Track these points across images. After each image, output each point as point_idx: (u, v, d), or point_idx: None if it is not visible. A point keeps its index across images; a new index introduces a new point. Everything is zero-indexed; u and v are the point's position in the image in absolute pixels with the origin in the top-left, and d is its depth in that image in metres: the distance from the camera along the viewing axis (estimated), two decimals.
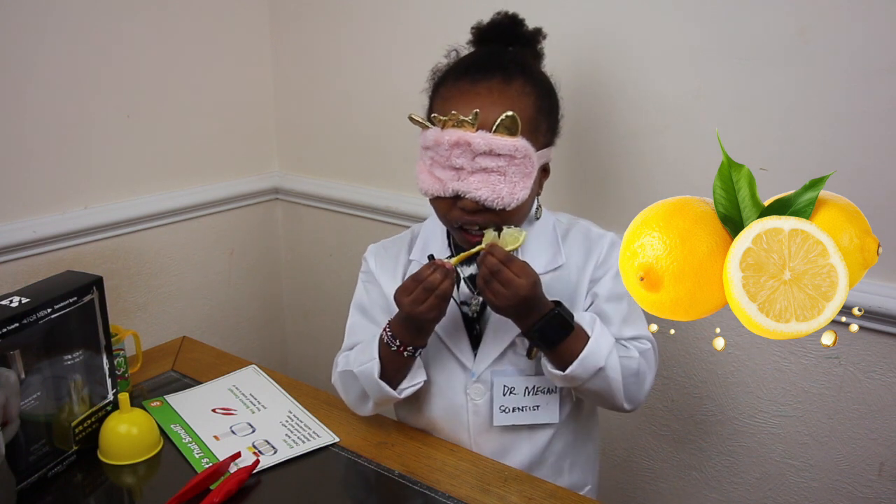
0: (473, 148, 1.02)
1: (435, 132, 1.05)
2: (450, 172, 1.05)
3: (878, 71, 1.08)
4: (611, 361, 1.05)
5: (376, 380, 1.10)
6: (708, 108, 1.24)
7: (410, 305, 1.04)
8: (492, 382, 1.13)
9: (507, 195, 1.03)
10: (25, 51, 1.39)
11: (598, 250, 1.15)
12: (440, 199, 1.08)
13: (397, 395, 1.11)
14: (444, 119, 1.04)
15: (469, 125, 1.02)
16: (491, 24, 1.16)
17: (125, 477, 1.10)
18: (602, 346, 1.05)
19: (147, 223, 1.63)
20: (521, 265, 1.03)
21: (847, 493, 1.25)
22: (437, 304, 1.04)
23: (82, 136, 1.50)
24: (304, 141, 1.85)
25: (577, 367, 1.03)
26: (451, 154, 1.03)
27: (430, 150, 1.07)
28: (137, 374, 1.36)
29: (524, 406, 1.14)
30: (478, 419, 1.15)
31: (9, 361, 0.98)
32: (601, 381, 1.05)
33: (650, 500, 1.49)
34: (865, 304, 1.13)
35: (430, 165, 1.07)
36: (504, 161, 1.02)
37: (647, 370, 1.10)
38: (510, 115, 1.02)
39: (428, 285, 1.03)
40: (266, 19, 1.80)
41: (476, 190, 1.03)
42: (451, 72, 1.12)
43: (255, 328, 1.94)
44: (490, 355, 1.13)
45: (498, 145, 1.02)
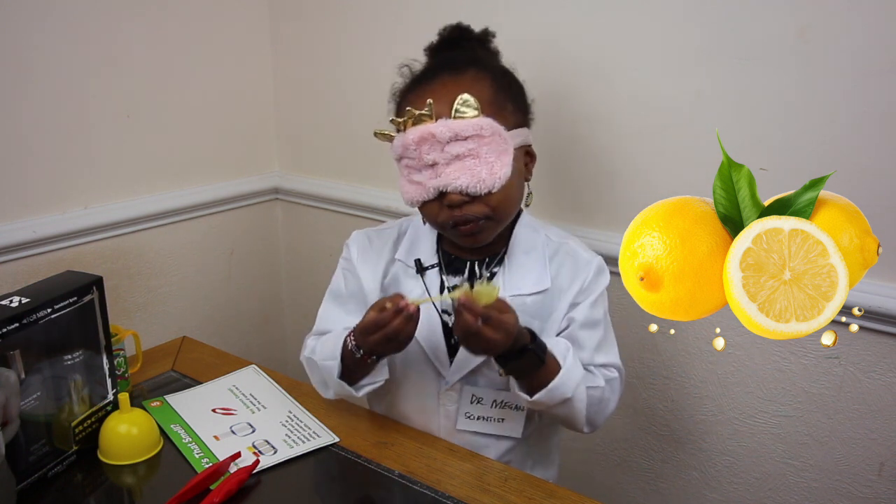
0: (438, 138, 1.01)
1: (400, 138, 1.05)
2: (426, 172, 1.04)
3: (878, 71, 1.08)
4: (578, 393, 1.06)
5: (337, 381, 1.11)
6: (708, 108, 1.24)
7: (372, 346, 1.04)
8: (462, 390, 1.15)
9: (488, 176, 1.02)
10: (25, 51, 1.39)
11: (583, 276, 1.14)
12: (426, 204, 1.08)
13: (356, 393, 1.12)
14: (402, 120, 1.04)
15: (427, 118, 1.02)
16: (440, 39, 1.17)
17: (125, 477, 1.10)
18: (572, 377, 1.05)
19: (147, 223, 1.63)
20: (498, 322, 0.97)
21: (847, 493, 1.25)
22: (398, 346, 1.03)
23: (82, 136, 1.50)
24: (304, 141, 1.85)
25: (545, 395, 1.04)
26: (420, 152, 1.03)
27: (404, 159, 1.07)
28: (137, 374, 1.36)
29: (489, 416, 1.16)
30: (448, 423, 1.17)
31: (9, 361, 0.98)
32: (566, 408, 1.06)
33: (650, 500, 1.49)
34: (865, 304, 1.13)
35: (408, 174, 1.07)
36: (473, 143, 1.01)
37: (610, 396, 1.12)
38: (464, 98, 1.01)
39: (390, 333, 1.00)
40: (266, 19, 1.80)
41: (455, 180, 1.02)
42: (406, 84, 1.14)
43: (255, 328, 1.94)
44: (464, 367, 1.14)
45: (461, 127, 1.01)
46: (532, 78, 1.19)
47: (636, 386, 1.44)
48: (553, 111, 1.38)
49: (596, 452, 1.53)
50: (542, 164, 1.40)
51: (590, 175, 1.39)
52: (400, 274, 1.19)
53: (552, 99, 1.38)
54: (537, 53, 1.38)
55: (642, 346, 1.41)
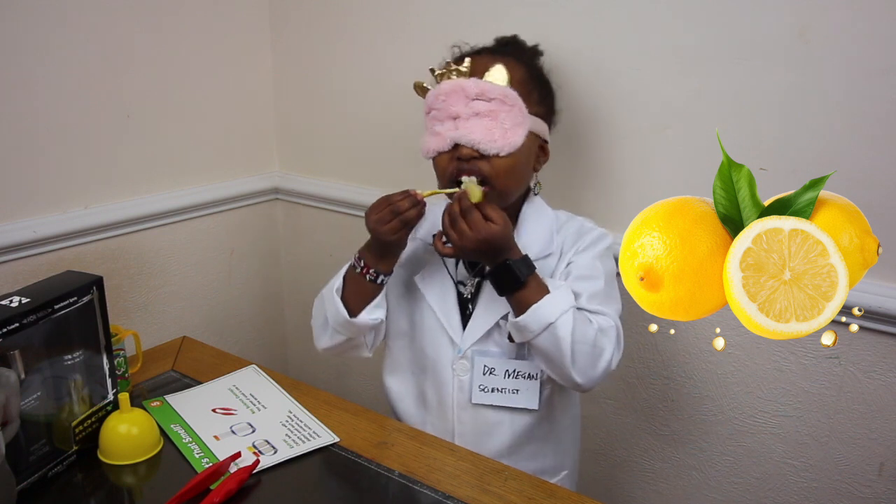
0: (467, 92, 1.10)
1: (434, 90, 1.14)
2: (448, 123, 1.12)
3: (878, 71, 1.08)
4: (563, 320, 1.07)
5: (333, 295, 1.17)
6: (708, 108, 1.24)
7: (375, 223, 1.12)
8: (473, 360, 1.18)
9: (500, 138, 1.10)
10: (26, 51, 1.39)
11: (585, 238, 1.20)
12: (440, 155, 1.14)
13: (350, 318, 1.16)
14: (440, 72, 1.13)
15: (463, 74, 1.12)
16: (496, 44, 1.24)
17: (125, 477, 1.10)
18: (558, 303, 1.07)
19: (147, 223, 1.63)
20: (494, 209, 1.08)
21: (847, 493, 1.25)
22: (398, 227, 1.10)
23: (82, 136, 1.50)
24: (304, 141, 1.85)
25: (529, 316, 1.07)
26: (447, 103, 1.11)
27: (432, 111, 1.14)
28: (137, 374, 1.36)
29: (503, 388, 1.18)
30: (461, 395, 1.20)
31: (9, 361, 0.98)
32: (550, 337, 1.07)
33: (650, 500, 1.49)
34: (865, 304, 1.13)
35: (432, 124, 1.14)
36: (495, 105, 1.09)
37: (605, 345, 1.10)
38: (498, 67, 1.11)
39: (395, 209, 1.10)
40: (266, 19, 1.80)
41: (470, 132, 1.10)
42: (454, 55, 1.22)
43: (255, 328, 1.94)
44: (476, 333, 1.18)
45: (488, 88, 1.09)
46: None
47: (636, 386, 1.44)
48: None
49: (596, 452, 1.53)
50: None
51: (590, 175, 1.39)
52: (420, 252, 1.26)
53: None
54: None
55: (642, 346, 1.41)
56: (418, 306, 1.24)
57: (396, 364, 1.28)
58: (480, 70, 1.12)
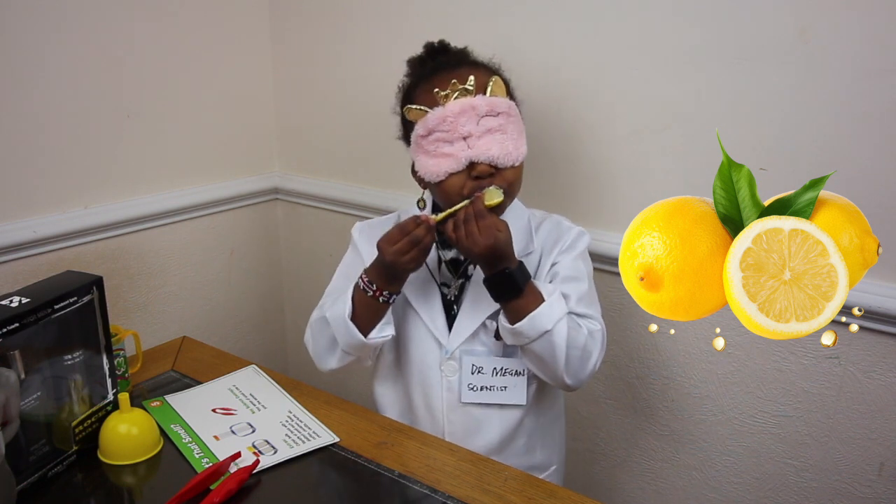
0: (477, 111, 1.09)
1: (438, 111, 1.10)
2: (459, 144, 1.10)
3: (878, 71, 1.08)
4: (558, 328, 1.09)
5: (346, 320, 1.15)
6: (708, 108, 1.24)
7: (394, 255, 1.09)
8: (461, 360, 1.19)
9: (514, 150, 1.10)
10: (26, 51, 1.39)
11: (565, 238, 1.20)
12: (454, 176, 1.11)
13: (365, 339, 1.15)
14: (445, 93, 1.10)
15: (469, 93, 1.10)
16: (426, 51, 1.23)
17: (125, 477, 1.10)
18: (554, 311, 1.09)
19: (147, 223, 1.63)
20: (503, 221, 1.09)
21: (847, 493, 1.25)
22: (418, 256, 1.10)
23: (82, 136, 1.50)
24: (304, 141, 1.85)
25: (526, 323, 1.08)
26: (456, 123, 1.09)
27: (435, 132, 1.11)
28: (137, 374, 1.36)
29: (492, 386, 1.20)
30: (451, 396, 1.21)
31: (9, 361, 0.98)
32: (546, 343, 1.09)
33: (650, 500, 1.49)
34: (865, 304, 1.13)
35: (436, 146, 1.11)
36: (503, 119, 1.10)
37: (593, 349, 1.13)
38: (496, 79, 1.11)
39: (414, 238, 1.09)
40: (266, 19, 1.80)
41: (487, 150, 1.09)
42: (424, 71, 1.18)
43: (255, 328, 1.94)
44: (463, 334, 1.19)
45: (496, 103, 1.10)
46: (532, 77, 1.19)
47: (636, 386, 1.44)
48: (553, 111, 1.39)
49: (596, 452, 1.53)
50: (542, 163, 1.41)
51: (589, 175, 1.39)
52: None
53: (551, 99, 1.38)
54: (537, 53, 1.38)
55: (642, 346, 1.41)
56: (403, 310, 1.24)
57: (383, 371, 1.29)
58: (480, 85, 1.10)
